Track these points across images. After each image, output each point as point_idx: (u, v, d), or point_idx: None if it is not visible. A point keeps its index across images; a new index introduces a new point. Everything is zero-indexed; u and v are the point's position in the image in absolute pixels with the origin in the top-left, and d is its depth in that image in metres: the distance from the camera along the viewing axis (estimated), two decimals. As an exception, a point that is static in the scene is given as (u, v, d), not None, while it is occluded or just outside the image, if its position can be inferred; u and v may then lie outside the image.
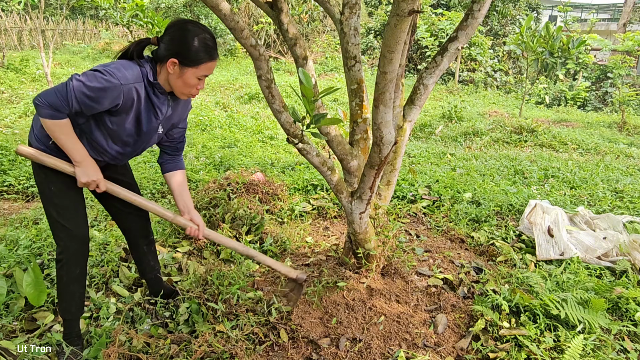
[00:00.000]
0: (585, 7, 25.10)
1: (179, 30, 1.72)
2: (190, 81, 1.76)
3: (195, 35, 1.71)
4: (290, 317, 2.18)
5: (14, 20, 13.70)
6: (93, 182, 1.80)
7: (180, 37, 1.71)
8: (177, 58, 1.71)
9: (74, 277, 1.96)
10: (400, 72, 2.43)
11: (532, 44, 7.45)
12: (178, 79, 1.75)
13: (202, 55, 1.73)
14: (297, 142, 2.03)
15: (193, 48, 1.70)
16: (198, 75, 1.76)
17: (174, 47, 1.71)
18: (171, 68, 1.73)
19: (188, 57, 1.71)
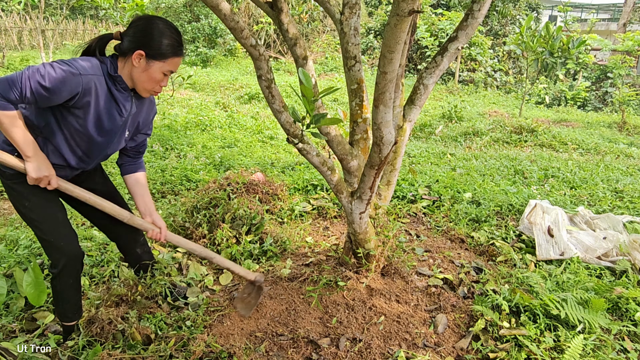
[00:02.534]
0: (585, 7, 25.10)
1: (147, 23, 1.68)
2: (156, 75, 1.71)
3: (164, 29, 1.68)
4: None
5: (14, 20, 13.70)
6: (45, 177, 1.69)
7: (148, 30, 1.67)
8: (144, 50, 1.66)
9: (67, 286, 1.94)
10: (400, 72, 2.43)
11: (532, 44, 7.45)
12: (143, 72, 1.70)
13: (170, 50, 1.69)
14: (297, 142, 2.03)
15: (161, 41, 1.67)
16: (164, 70, 1.71)
17: (141, 40, 1.66)
18: (136, 61, 1.68)
19: (156, 49, 1.67)
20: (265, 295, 2.45)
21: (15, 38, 13.35)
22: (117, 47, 1.74)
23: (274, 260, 2.85)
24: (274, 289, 2.50)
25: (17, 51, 12.60)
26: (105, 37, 1.76)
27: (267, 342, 2.08)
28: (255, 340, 2.11)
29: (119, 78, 1.72)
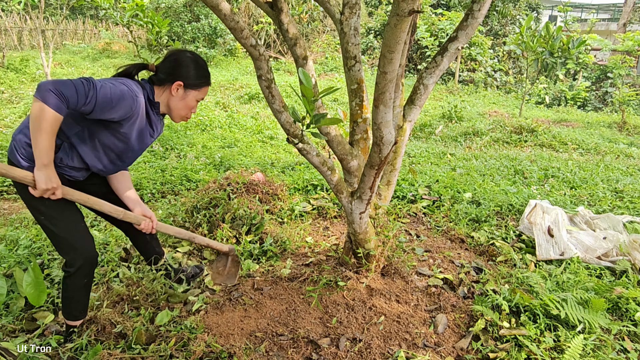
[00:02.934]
0: (585, 7, 25.10)
1: (182, 57, 1.88)
2: (191, 103, 1.92)
3: (197, 62, 1.90)
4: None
5: (14, 20, 13.70)
6: (53, 188, 1.70)
7: (184, 63, 1.87)
8: (182, 81, 1.86)
9: (80, 287, 1.96)
10: (400, 72, 2.43)
11: (532, 44, 7.45)
12: (180, 100, 1.90)
13: (204, 80, 1.92)
14: (297, 142, 2.03)
15: (196, 73, 1.89)
16: (198, 98, 1.93)
17: (178, 72, 1.86)
18: (175, 91, 1.88)
19: (192, 80, 1.88)
20: (265, 295, 2.45)
21: (15, 38, 13.35)
22: (152, 77, 1.92)
23: (274, 260, 2.85)
24: (274, 289, 2.50)
25: (17, 51, 12.60)
26: (141, 66, 1.92)
27: (267, 342, 2.08)
28: (255, 340, 2.11)
29: (157, 104, 1.91)
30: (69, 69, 10.44)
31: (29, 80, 9.16)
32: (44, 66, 8.28)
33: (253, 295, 2.45)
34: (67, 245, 1.86)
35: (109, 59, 12.74)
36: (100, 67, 11.44)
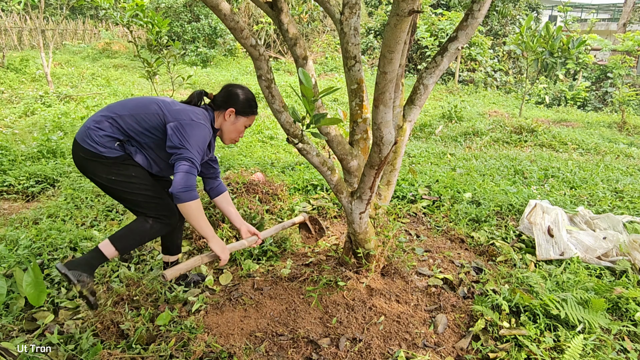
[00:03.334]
0: (585, 7, 25.10)
1: (235, 89, 2.22)
2: (240, 127, 2.25)
3: (247, 94, 2.24)
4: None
5: (14, 20, 13.70)
6: (227, 251, 2.16)
7: (237, 94, 2.21)
8: (235, 108, 2.19)
9: (151, 234, 2.18)
10: (400, 72, 2.43)
11: (532, 44, 7.45)
12: (232, 125, 2.23)
13: (252, 109, 2.24)
14: (297, 142, 2.03)
15: (246, 102, 2.21)
16: (246, 124, 2.26)
17: (232, 100, 2.19)
18: (228, 116, 2.20)
19: (242, 108, 2.20)
20: (265, 295, 2.45)
21: (15, 38, 13.35)
22: (211, 103, 2.25)
23: (274, 260, 2.85)
24: (274, 289, 2.50)
25: (17, 51, 12.60)
26: (202, 94, 2.26)
27: (267, 342, 2.08)
28: (255, 340, 2.11)
29: (216, 130, 2.26)
30: (68, 69, 10.44)
31: (29, 80, 9.16)
32: (44, 66, 8.28)
33: (253, 295, 2.45)
34: (161, 203, 2.17)
35: (109, 59, 12.74)
36: (100, 67, 11.44)
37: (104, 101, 7.78)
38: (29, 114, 6.70)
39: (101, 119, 2.07)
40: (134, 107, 2.10)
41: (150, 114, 2.08)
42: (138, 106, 2.11)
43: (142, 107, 2.10)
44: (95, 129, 2.05)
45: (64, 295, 2.43)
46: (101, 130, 2.05)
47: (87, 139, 2.05)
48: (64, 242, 2.87)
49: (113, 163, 2.07)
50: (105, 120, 2.06)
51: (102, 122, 2.06)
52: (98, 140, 2.04)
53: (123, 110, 2.10)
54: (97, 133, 2.04)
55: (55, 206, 3.48)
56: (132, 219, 2.24)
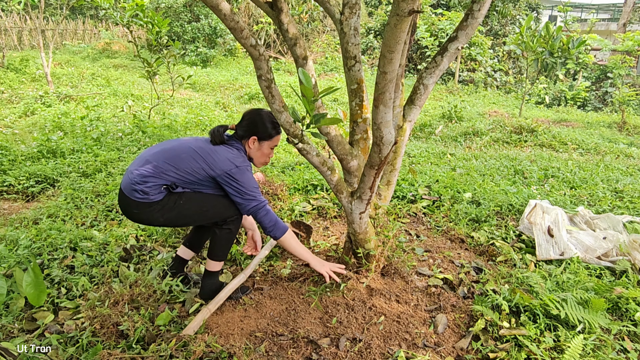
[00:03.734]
0: (585, 7, 25.10)
1: (252, 115, 2.27)
2: (266, 151, 2.31)
3: (266, 118, 2.25)
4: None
5: (14, 20, 13.70)
6: (326, 265, 2.35)
7: (256, 120, 2.25)
8: (256, 135, 2.25)
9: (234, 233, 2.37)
10: (400, 72, 2.43)
11: (532, 44, 7.45)
12: (257, 151, 2.29)
13: (273, 131, 2.26)
14: (297, 142, 2.03)
15: (267, 127, 2.24)
16: (271, 145, 2.30)
17: (253, 129, 2.24)
18: (252, 144, 2.27)
19: (263, 133, 2.25)
20: (265, 295, 2.45)
21: (15, 38, 13.35)
22: (235, 134, 2.30)
23: (274, 260, 2.85)
24: (274, 289, 2.50)
25: (17, 51, 12.60)
26: (223, 128, 2.28)
27: (267, 342, 2.08)
28: (255, 340, 2.11)
29: (250, 159, 2.34)
30: (68, 69, 10.44)
31: (29, 80, 9.16)
32: (44, 66, 8.28)
33: (253, 295, 2.45)
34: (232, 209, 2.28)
35: (109, 59, 12.74)
36: (100, 67, 11.45)
37: (104, 101, 7.79)
38: (29, 114, 6.70)
39: (147, 176, 2.14)
40: (175, 160, 2.17)
41: (195, 170, 2.17)
42: (180, 158, 2.17)
43: (184, 161, 2.17)
44: (142, 183, 2.14)
45: (64, 295, 2.43)
46: (148, 183, 2.14)
47: (136, 193, 2.14)
48: (64, 242, 2.87)
49: (166, 203, 2.19)
50: (152, 176, 2.15)
51: (148, 178, 2.14)
52: (147, 191, 2.15)
53: (166, 165, 2.16)
54: (145, 186, 2.14)
55: (55, 206, 3.48)
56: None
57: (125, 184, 2.17)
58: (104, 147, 4.98)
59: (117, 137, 5.37)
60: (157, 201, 2.16)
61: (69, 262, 2.71)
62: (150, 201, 2.15)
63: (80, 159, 4.53)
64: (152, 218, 2.20)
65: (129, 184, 2.14)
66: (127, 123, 6.07)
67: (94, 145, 5.01)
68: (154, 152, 2.21)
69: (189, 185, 2.21)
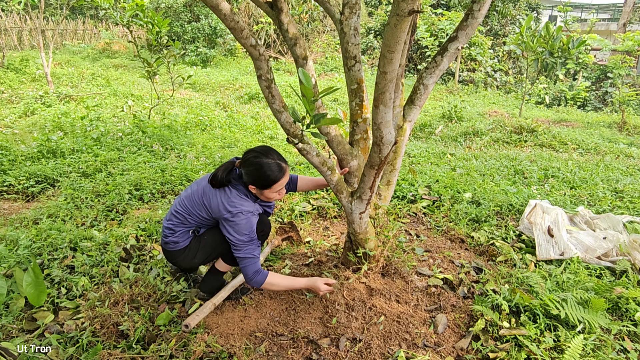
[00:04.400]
0: (585, 7, 25.10)
1: (254, 167, 2.11)
2: (270, 195, 2.20)
3: (267, 167, 2.10)
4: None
5: (14, 20, 13.70)
6: (318, 281, 2.26)
7: (256, 171, 2.10)
8: (255, 185, 2.14)
9: None
10: (400, 72, 2.43)
11: (532, 44, 7.45)
12: (261, 195, 2.20)
13: (274, 179, 2.13)
14: (297, 142, 2.03)
15: (266, 177, 2.11)
16: (275, 190, 2.18)
17: (252, 179, 2.12)
18: (253, 190, 2.18)
19: (263, 184, 2.13)
20: (265, 295, 2.45)
21: (15, 38, 13.35)
22: (239, 173, 2.19)
23: (274, 261, 2.85)
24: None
25: (17, 51, 12.60)
26: (229, 168, 2.19)
27: (267, 342, 2.08)
28: (255, 340, 2.11)
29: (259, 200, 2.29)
30: (68, 69, 10.44)
31: (29, 80, 9.16)
32: (44, 66, 8.28)
33: (253, 295, 2.45)
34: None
35: (109, 59, 12.74)
36: (100, 67, 11.45)
37: (104, 101, 7.78)
38: (29, 114, 6.70)
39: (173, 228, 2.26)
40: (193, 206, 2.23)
41: (204, 216, 2.22)
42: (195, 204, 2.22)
43: (197, 207, 2.22)
44: (171, 235, 2.26)
45: (64, 295, 2.43)
46: (175, 233, 2.27)
47: (169, 245, 2.28)
48: (64, 242, 2.87)
49: (194, 245, 2.30)
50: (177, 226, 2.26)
51: (175, 228, 2.26)
52: (177, 241, 2.27)
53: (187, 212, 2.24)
54: (173, 237, 2.26)
55: (55, 206, 3.48)
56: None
57: (161, 238, 2.33)
58: (104, 147, 4.98)
59: (117, 137, 5.37)
60: (186, 246, 2.29)
61: (69, 262, 2.71)
62: (182, 248, 2.28)
63: (80, 159, 4.53)
64: (190, 262, 2.34)
65: (162, 238, 2.31)
66: (127, 123, 6.07)
67: (94, 145, 5.01)
68: (181, 199, 2.28)
69: (207, 225, 2.31)
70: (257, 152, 2.14)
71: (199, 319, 2.15)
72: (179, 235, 2.27)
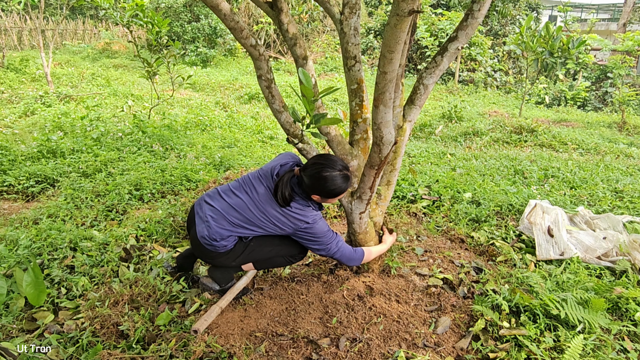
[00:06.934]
0: (585, 7, 25.10)
1: (318, 179, 2.04)
2: (333, 202, 2.21)
3: (332, 180, 2.04)
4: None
5: (14, 20, 13.70)
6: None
7: (322, 181, 2.04)
8: (319, 195, 2.11)
9: (286, 263, 2.48)
10: (400, 72, 2.43)
11: (532, 44, 7.45)
12: (322, 201, 2.19)
13: (339, 192, 2.10)
14: (297, 142, 2.03)
15: (332, 190, 2.07)
16: (337, 199, 2.17)
17: (316, 188, 2.07)
18: (315, 197, 2.14)
19: (327, 195, 2.10)
20: (265, 295, 2.45)
21: (15, 38, 13.35)
22: (299, 179, 2.14)
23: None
24: (274, 289, 2.50)
25: (17, 51, 12.60)
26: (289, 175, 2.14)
27: (267, 342, 2.08)
28: (255, 340, 2.11)
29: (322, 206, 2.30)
30: (68, 69, 10.44)
31: (29, 80, 9.16)
32: (44, 66, 8.28)
33: (253, 295, 2.45)
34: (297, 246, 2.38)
35: (109, 59, 12.74)
36: (100, 67, 11.44)
37: (104, 101, 7.79)
38: (29, 114, 6.70)
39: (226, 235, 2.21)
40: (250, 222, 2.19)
41: (267, 230, 2.20)
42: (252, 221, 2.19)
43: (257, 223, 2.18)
44: (222, 239, 2.21)
45: (64, 295, 2.43)
46: (226, 239, 2.23)
47: (215, 247, 2.23)
48: (64, 242, 2.87)
49: (237, 249, 2.29)
50: (230, 235, 2.22)
51: (227, 235, 2.21)
52: (226, 244, 2.24)
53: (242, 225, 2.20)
54: (224, 241, 2.22)
55: (55, 206, 3.48)
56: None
57: (203, 235, 2.21)
58: (104, 147, 4.98)
59: (117, 137, 5.37)
60: (231, 249, 2.27)
61: (69, 262, 2.71)
62: (227, 250, 2.26)
63: (80, 159, 4.53)
64: (227, 264, 2.33)
65: (207, 237, 2.20)
66: (127, 123, 6.07)
67: (94, 145, 5.01)
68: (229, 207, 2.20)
69: (262, 234, 2.28)
70: (321, 164, 2.05)
71: (207, 324, 2.14)
72: (229, 239, 2.23)
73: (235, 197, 2.21)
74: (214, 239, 2.19)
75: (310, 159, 2.12)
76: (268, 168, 2.23)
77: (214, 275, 2.42)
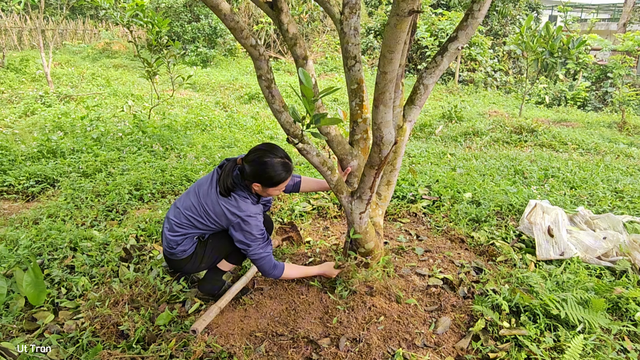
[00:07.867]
0: (585, 7, 25.10)
1: (259, 166, 2.08)
2: (273, 193, 2.19)
3: (274, 166, 2.07)
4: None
5: (14, 20, 13.69)
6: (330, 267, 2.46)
7: (262, 168, 2.07)
8: (260, 183, 2.11)
9: None
10: (400, 72, 2.43)
11: (532, 44, 7.45)
12: (263, 192, 2.18)
13: (281, 179, 2.12)
14: (297, 142, 2.03)
15: (273, 176, 2.09)
16: (279, 189, 2.18)
17: (256, 176, 2.09)
18: (256, 187, 2.15)
19: (268, 182, 2.10)
20: (265, 295, 2.45)
21: (15, 38, 13.35)
22: (240, 169, 2.16)
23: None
24: (274, 289, 2.50)
25: (17, 51, 12.60)
26: (233, 164, 2.17)
27: (267, 342, 2.08)
28: (255, 340, 2.11)
29: (260, 198, 2.28)
30: (68, 69, 10.44)
31: (29, 80, 9.16)
32: (44, 66, 8.28)
33: (253, 295, 2.45)
34: None
35: (109, 59, 12.74)
36: (100, 67, 11.44)
37: (104, 101, 7.79)
38: (29, 114, 6.70)
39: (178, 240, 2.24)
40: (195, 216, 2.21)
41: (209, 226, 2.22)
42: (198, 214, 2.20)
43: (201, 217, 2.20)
44: (177, 245, 2.25)
45: (64, 295, 2.43)
46: (181, 243, 2.25)
47: (177, 254, 2.27)
48: (64, 242, 2.87)
49: (199, 251, 2.30)
50: (182, 237, 2.24)
51: (180, 239, 2.24)
52: (185, 249, 2.26)
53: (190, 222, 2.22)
54: (181, 247, 2.25)
55: (55, 206, 3.48)
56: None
57: (165, 248, 2.29)
58: (104, 147, 4.98)
59: (117, 137, 5.37)
60: (193, 253, 2.29)
61: (69, 262, 2.71)
62: (188, 255, 2.28)
63: (80, 159, 4.53)
64: (197, 268, 2.35)
65: (167, 249, 2.28)
66: (127, 123, 6.07)
67: (94, 145, 5.01)
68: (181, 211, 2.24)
69: (213, 231, 2.30)
70: (263, 150, 2.11)
71: (205, 324, 2.14)
72: (185, 243, 2.26)
73: (187, 200, 2.26)
74: (171, 247, 2.25)
75: (253, 147, 2.16)
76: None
77: (204, 289, 2.44)
